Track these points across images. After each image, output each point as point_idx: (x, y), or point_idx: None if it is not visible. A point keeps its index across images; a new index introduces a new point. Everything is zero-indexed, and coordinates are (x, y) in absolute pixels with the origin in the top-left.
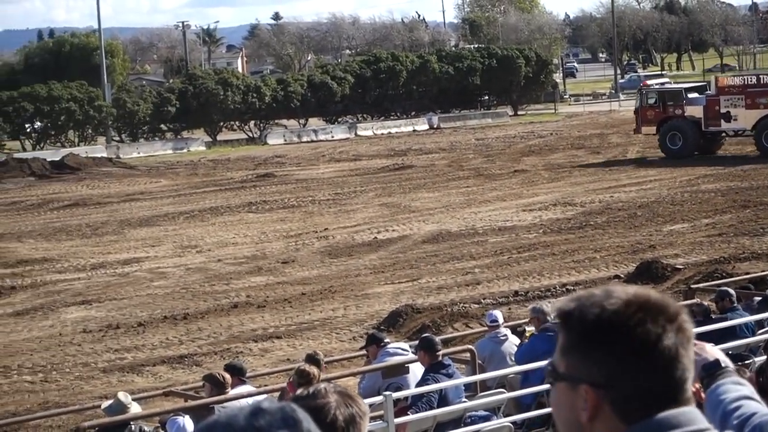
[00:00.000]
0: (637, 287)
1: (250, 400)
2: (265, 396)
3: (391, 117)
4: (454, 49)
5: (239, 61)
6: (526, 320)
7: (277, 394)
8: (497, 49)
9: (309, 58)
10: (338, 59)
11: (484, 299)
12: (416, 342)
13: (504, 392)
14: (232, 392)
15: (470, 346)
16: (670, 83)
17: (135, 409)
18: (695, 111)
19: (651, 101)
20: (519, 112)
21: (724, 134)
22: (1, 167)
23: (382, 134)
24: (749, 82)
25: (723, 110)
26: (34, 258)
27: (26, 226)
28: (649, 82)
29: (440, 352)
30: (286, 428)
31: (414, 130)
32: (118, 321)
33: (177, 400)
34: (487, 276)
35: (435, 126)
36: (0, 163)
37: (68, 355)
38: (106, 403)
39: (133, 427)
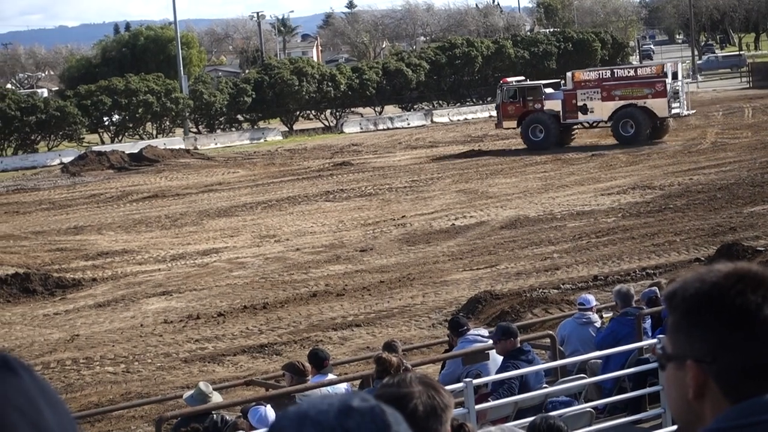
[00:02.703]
0: (740, 262)
1: (330, 389)
2: (345, 385)
3: (467, 103)
4: (529, 33)
5: (314, 50)
6: (607, 305)
7: (358, 382)
8: (573, 32)
9: (384, 45)
10: (413, 46)
11: (563, 284)
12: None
13: (585, 377)
14: (312, 380)
15: (550, 332)
16: (526, 80)
17: (216, 398)
18: (554, 105)
19: (511, 97)
20: None
21: (578, 125)
22: (80, 160)
23: (459, 120)
24: (604, 76)
25: (580, 103)
26: (115, 250)
27: (106, 218)
28: (508, 79)
29: (518, 338)
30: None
31: (490, 116)
32: (199, 311)
33: (258, 390)
34: (566, 261)
35: None
36: (79, 156)
37: (150, 345)
38: (187, 393)
39: (214, 416)
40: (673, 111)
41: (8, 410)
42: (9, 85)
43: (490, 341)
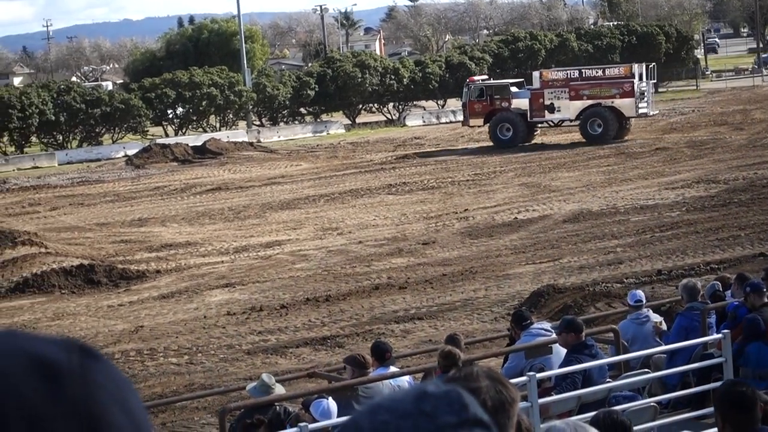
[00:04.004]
0: None
1: (392, 382)
2: (407, 378)
3: None
4: (593, 26)
5: (377, 43)
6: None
7: (420, 375)
8: (637, 26)
9: (446, 38)
10: (476, 39)
11: (626, 279)
12: (559, 322)
13: (648, 372)
14: (374, 373)
15: (613, 326)
16: (490, 79)
17: (279, 390)
18: (521, 104)
19: (477, 96)
20: (660, 89)
21: (543, 123)
22: (144, 153)
23: None
24: (572, 76)
25: (547, 102)
26: (178, 242)
27: (170, 210)
28: (474, 78)
29: (584, 333)
30: (452, 414)
31: None
32: (262, 303)
33: (320, 382)
34: (630, 255)
35: None
36: (143, 148)
37: (213, 337)
38: (251, 385)
39: (277, 408)
40: (641, 111)
41: (99, 392)
42: (74, 78)
43: (554, 335)
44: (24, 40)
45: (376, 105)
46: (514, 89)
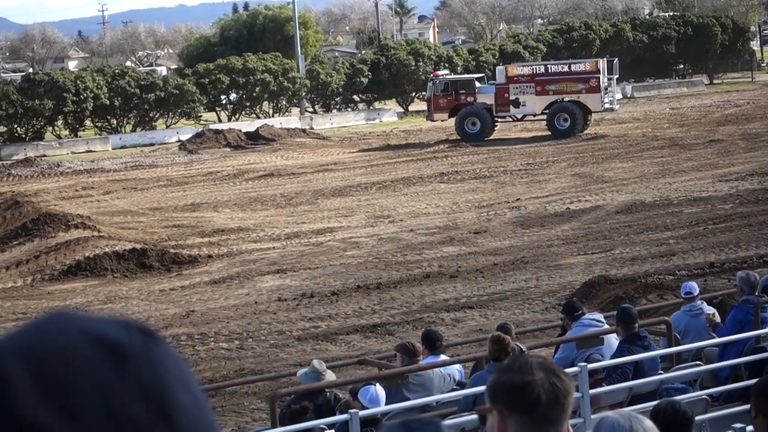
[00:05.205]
0: None
1: (443, 370)
2: (458, 366)
3: None
4: (648, 17)
5: (431, 31)
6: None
7: (470, 364)
8: (693, 16)
9: (500, 27)
10: (530, 29)
11: (678, 271)
12: (614, 313)
13: (700, 365)
14: (424, 361)
15: (666, 318)
16: (450, 74)
17: (330, 377)
18: (486, 98)
19: (442, 90)
20: (715, 81)
21: (509, 118)
22: (197, 138)
23: None
24: (538, 71)
25: (512, 97)
26: (230, 227)
27: (222, 196)
28: (439, 73)
29: (637, 324)
30: None
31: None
32: (312, 290)
33: (370, 369)
34: (682, 247)
35: (629, 95)
36: (197, 134)
37: (264, 323)
38: (301, 371)
39: (327, 394)
40: (606, 106)
41: (164, 372)
42: (129, 63)
43: (605, 326)
44: (79, 25)
45: None
46: (478, 84)
